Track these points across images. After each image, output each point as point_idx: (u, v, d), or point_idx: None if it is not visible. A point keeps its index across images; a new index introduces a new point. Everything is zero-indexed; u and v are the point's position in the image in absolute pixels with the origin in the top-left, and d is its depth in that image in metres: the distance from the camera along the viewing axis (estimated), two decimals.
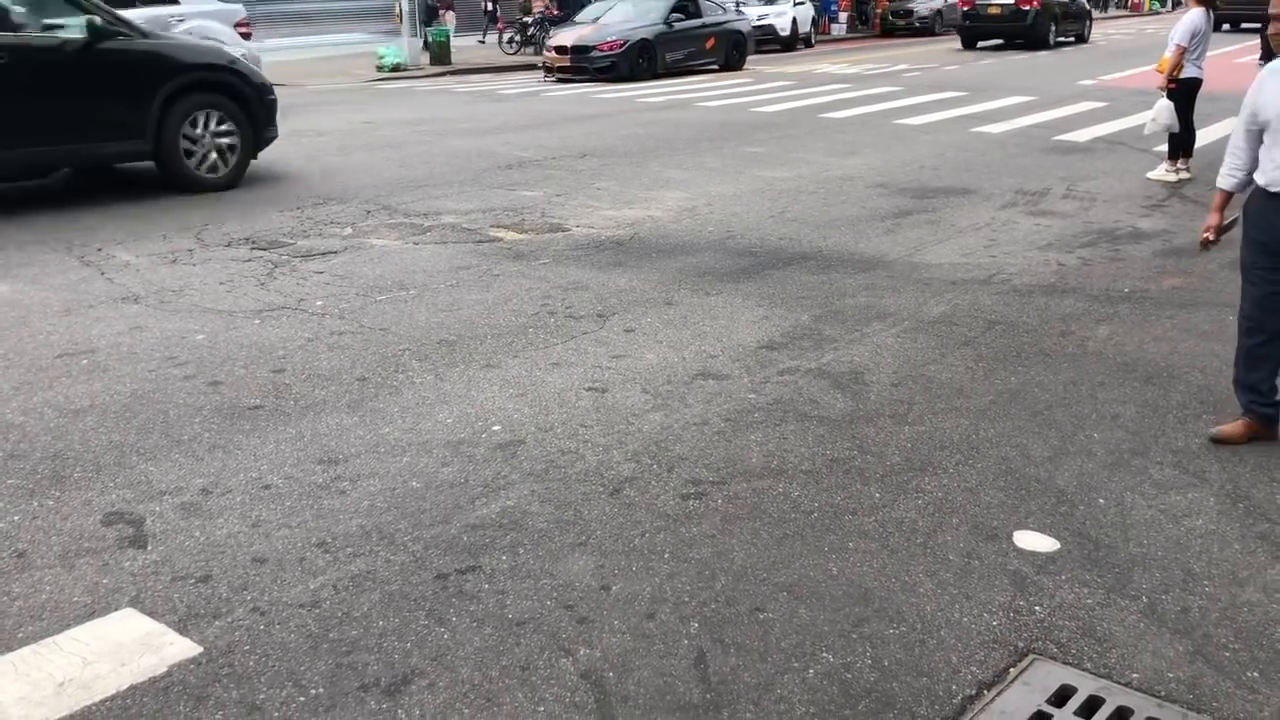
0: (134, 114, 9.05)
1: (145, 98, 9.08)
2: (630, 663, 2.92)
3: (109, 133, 9.01)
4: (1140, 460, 4.17)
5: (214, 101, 9.54)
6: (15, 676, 2.86)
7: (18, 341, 5.56)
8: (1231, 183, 4.43)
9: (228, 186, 9.74)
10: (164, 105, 9.18)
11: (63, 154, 9.03)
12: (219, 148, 9.67)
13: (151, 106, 9.10)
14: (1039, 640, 3.03)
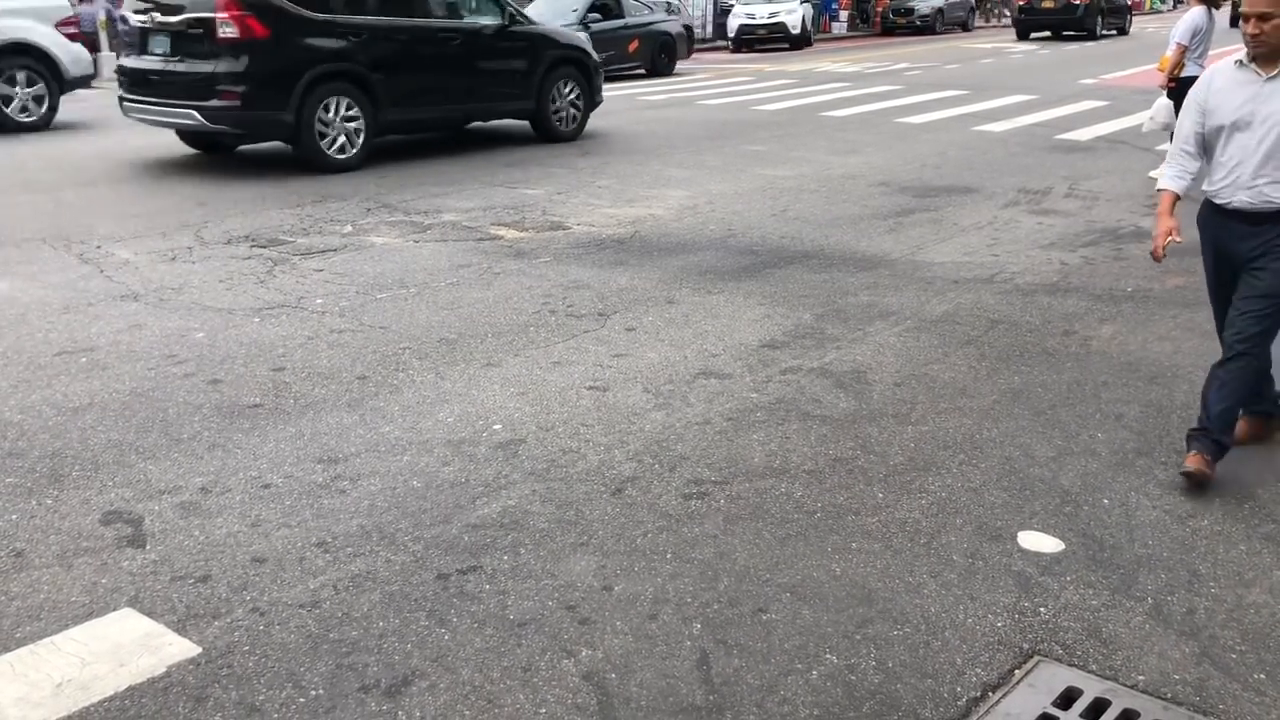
0: (526, 81, 12.16)
1: (533, 70, 12.20)
2: (632, 664, 2.90)
3: (509, 95, 12.07)
4: (1145, 460, 4.14)
5: (571, 74, 12.69)
6: (13, 677, 2.84)
7: (16, 339, 5.54)
8: (1180, 185, 4.22)
9: (573, 139, 12.74)
10: (543, 75, 12.31)
11: (481, 109, 12.03)
12: (572, 107, 12.80)
13: (536, 76, 12.24)
14: (1044, 641, 3.01)
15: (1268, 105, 3.80)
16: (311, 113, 10.18)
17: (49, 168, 10.92)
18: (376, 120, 10.78)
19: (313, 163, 10.41)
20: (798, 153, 11.82)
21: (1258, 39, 3.75)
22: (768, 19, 29.27)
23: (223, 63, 9.86)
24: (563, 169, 10.87)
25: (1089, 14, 32.53)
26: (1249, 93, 3.85)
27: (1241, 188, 3.88)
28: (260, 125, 10.31)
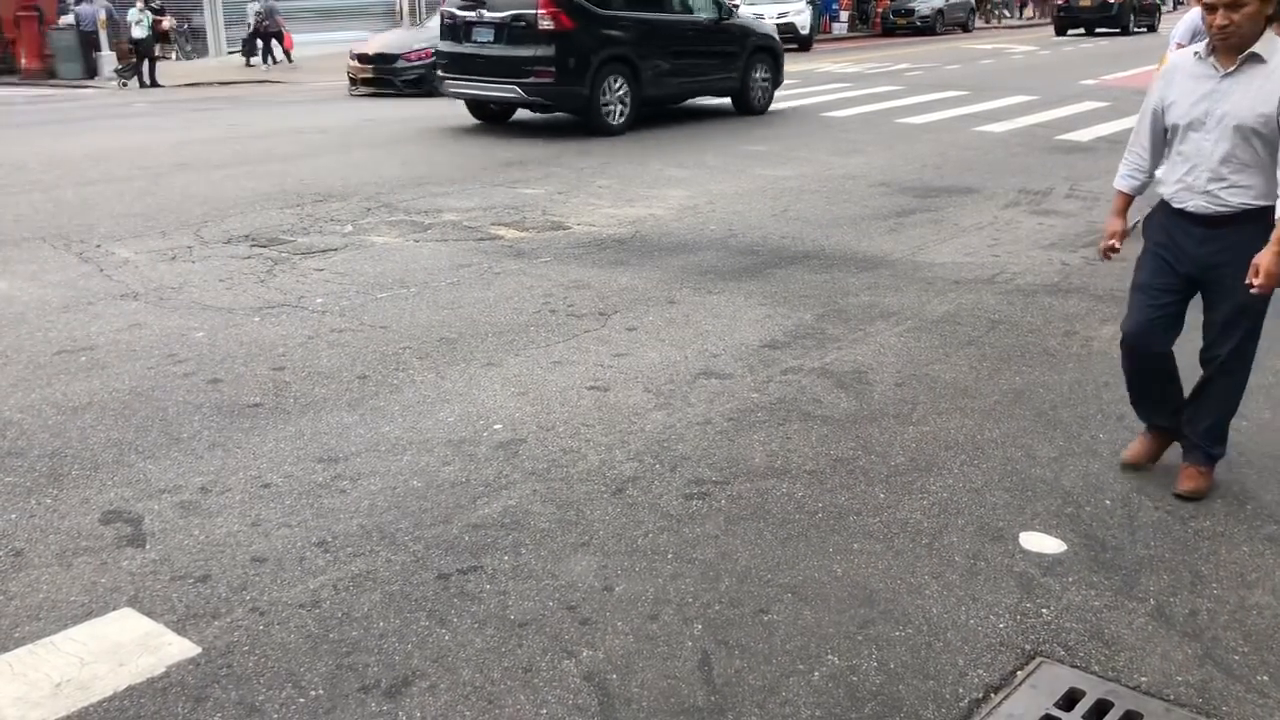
0: (734, 64, 14.78)
1: (739, 54, 14.83)
2: (634, 665, 2.89)
3: (722, 75, 14.69)
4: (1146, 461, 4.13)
5: (764, 58, 15.30)
6: (12, 677, 2.83)
7: (16, 338, 5.53)
8: (1131, 185, 3.98)
9: (763, 113, 15.31)
10: (747, 59, 14.90)
11: (703, 87, 14.73)
12: (763, 86, 15.39)
13: (741, 59, 14.85)
14: (1046, 643, 3.00)
15: (1224, 104, 3.52)
16: (599, 88, 12.87)
17: (48, 167, 10.92)
18: (639, 95, 13.45)
19: (597, 128, 13.00)
20: (799, 153, 11.81)
21: (1226, 30, 3.43)
22: (777, 19, 28.73)
23: (540, 48, 12.47)
24: (563, 169, 10.86)
25: (1123, 12, 35.13)
26: (1205, 89, 3.57)
27: (1196, 191, 3.63)
28: (564, 98, 12.92)
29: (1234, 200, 3.55)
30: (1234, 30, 3.42)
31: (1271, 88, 3.41)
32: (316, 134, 13.56)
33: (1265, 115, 3.42)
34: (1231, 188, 3.55)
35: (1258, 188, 3.51)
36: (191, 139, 13.15)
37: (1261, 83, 3.43)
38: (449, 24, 13.53)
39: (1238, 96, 3.47)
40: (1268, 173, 3.48)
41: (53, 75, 24.34)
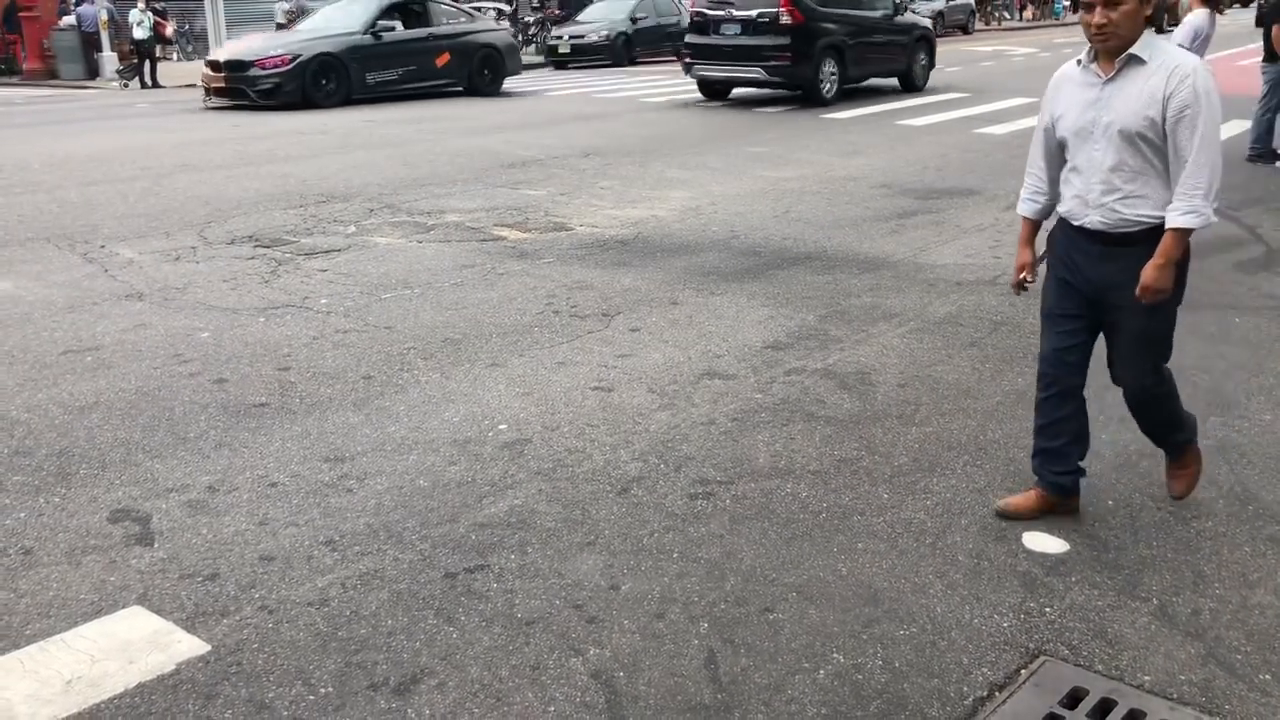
0: (902, 51, 18.20)
1: (905, 43, 18.23)
2: (640, 663, 2.91)
3: (894, 60, 18.12)
4: (1148, 462, 4.15)
5: (923, 45, 18.75)
6: (23, 674, 2.85)
7: (21, 338, 5.55)
8: (1033, 209, 3.68)
9: (922, 89, 18.47)
10: (911, 46, 18.30)
11: (882, 70, 18.18)
12: (923, 69, 18.71)
13: (907, 48, 18.21)
14: (1050, 642, 3.02)
15: (1108, 112, 3.32)
16: (819, 69, 16.33)
17: (50, 167, 10.94)
18: (844, 75, 16.83)
19: (815, 100, 16.51)
20: (799, 154, 11.84)
21: (1104, 31, 3.23)
22: None
23: (780, 39, 15.99)
24: (565, 170, 10.89)
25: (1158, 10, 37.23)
26: (1090, 97, 3.37)
27: (1092, 205, 3.39)
28: (796, 77, 16.28)
29: (1130, 213, 3.33)
30: (1112, 30, 3.23)
31: (1153, 89, 3.24)
32: (318, 135, 13.59)
33: (1150, 118, 3.25)
34: (1127, 199, 3.33)
35: (1154, 198, 3.30)
36: (193, 140, 13.17)
37: (1143, 85, 3.26)
38: (698, 20, 16.99)
39: (1120, 101, 3.29)
40: (1164, 180, 3.30)
41: (54, 76, 24.38)
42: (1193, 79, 3.20)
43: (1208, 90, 3.21)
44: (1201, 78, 3.21)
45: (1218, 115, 3.24)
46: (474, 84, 19.13)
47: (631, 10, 26.33)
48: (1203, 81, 3.21)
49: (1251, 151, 11.11)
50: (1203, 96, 3.20)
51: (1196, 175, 3.21)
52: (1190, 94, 3.20)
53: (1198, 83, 3.20)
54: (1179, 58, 3.26)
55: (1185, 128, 3.21)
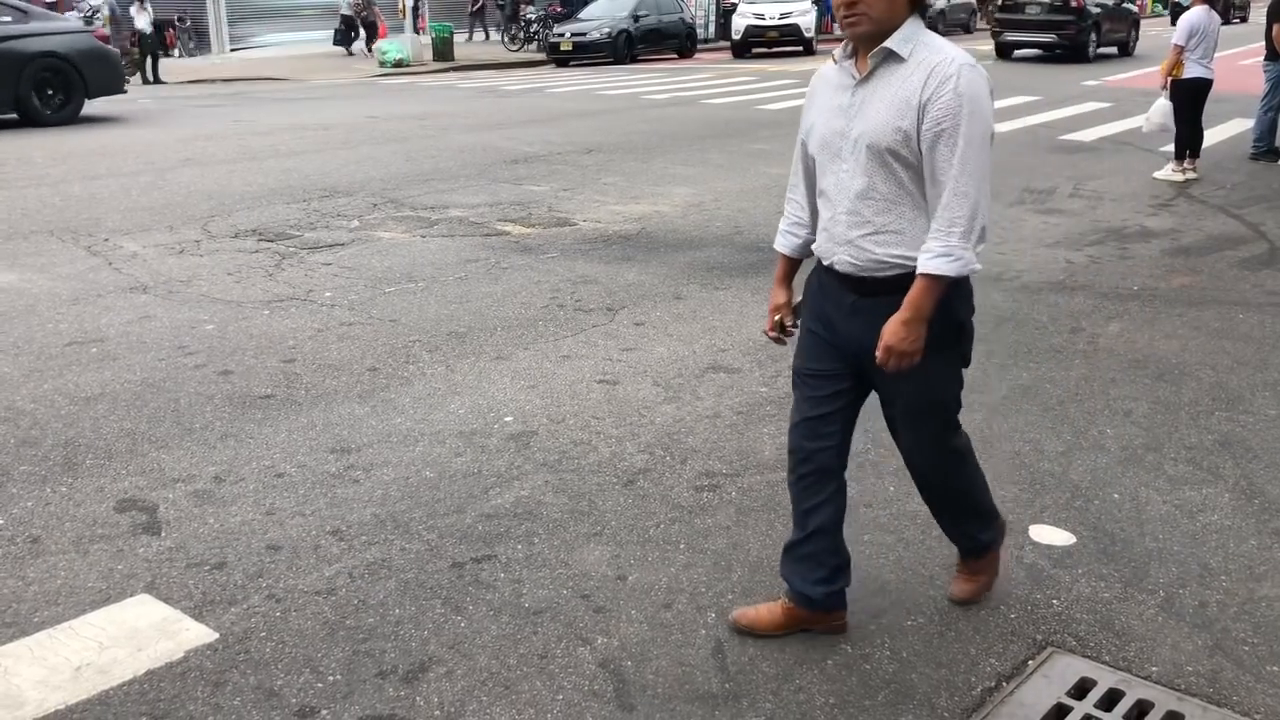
0: (1125, 28, 26.00)
1: (1127, 24, 25.59)
2: (648, 652, 2.92)
3: (1119, 35, 25.57)
4: (1154, 456, 4.16)
5: (1134, 26, 26.70)
6: (32, 661, 2.85)
7: (27, 330, 5.56)
8: (791, 244, 2.93)
9: (1134, 55, 25.29)
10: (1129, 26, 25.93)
11: (1111, 40, 25.41)
12: (1134, 40, 25.97)
13: (1127, 24, 25.59)
14: (1057, 633, 3.03)
15: (859, 122, 2.62)
16: (1088, 38, 23.92)
17: (54, 161, 10.94)
18: (1098, 42, 24.41)
19: (1083, 59, 23.83)
20: None
21: (853, 16, 2.55)
22: (779, 19, 27.47)
23: (1067, 17, 23.82)
24: (568, 166, 10.89)
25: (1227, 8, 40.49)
26: (840, 103, 2.68)
27: (839, 241, 2.71)
28: (1076, 44, 23.77)
29: (881, 252, 2.63)
30: (862, 13, 2.54)
31: (908, 93, 2.53)
32: (320, 130, 13.59)
33: (903, 131, 2.54)
34: (878, 234, 2.63)
35: (909, 234, 2.60)
36: (197, 134, 13.17)
37: (898, 88, 2.55)
38: (1009, 4, 24.53)
39: (872, 108, 2.59)
40: (923, 211, 2.61)
41: None
42: (955, 81, 2.49)
43: (974, 96, 2.49)
44: (967, 80, 2.49)
45: (986, 130, 2.53)
46: (27, 108, 13.89)
47: (634, 8, 26.33)
48: (968, 84, 2.49)
49: (1254, 150, 11.12)
50: (967, 104, 2.48)
51: (954, 207, 2.51)
52: (952, 101, 2.48)
53: (961, 86, 2.48)
54: (943, 54, 2.53)
55: (944, 145, 2.50)
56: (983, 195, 2.54)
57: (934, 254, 2.54)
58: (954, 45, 2.59)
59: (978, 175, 2.51)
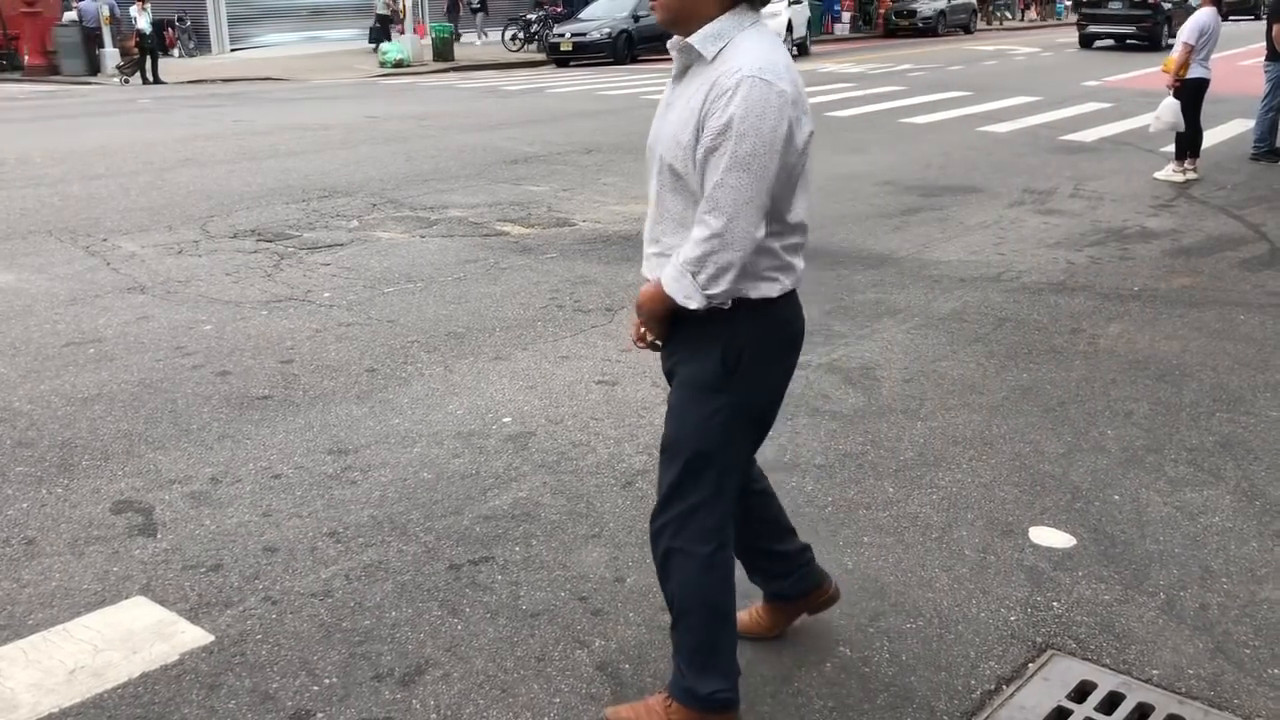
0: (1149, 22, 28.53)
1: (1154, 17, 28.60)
2: (646, 655, 2.90)
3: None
4: (1155, 457, 4.14)
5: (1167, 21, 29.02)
6: (26, 664, 2.83)
7: (24, 330, 5.54)
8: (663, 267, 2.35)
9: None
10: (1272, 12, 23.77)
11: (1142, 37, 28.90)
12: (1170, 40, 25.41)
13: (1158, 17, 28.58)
14: (1057, 636, 3.01)
15: (659, 127, 2.37)
16: (1162, 29, 26.92)
17: (53, 161, 10.93)
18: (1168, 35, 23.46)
19: (1156, 46, 25.83)
20: None
21: (657, 6, 2.28)
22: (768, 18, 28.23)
23: (1145, 11, 27.29)
24: (567, 166, 10.88)
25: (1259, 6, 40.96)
26: (662, 104, 2.41)
27: (645, 258, 2.49)
28: (1152, 34, 25.93)
29: None
30: (658, 3, 2.27)
31: (696, 104, 2.19)
32: (320, 130, 13.57)
33: (684, 146, 2.22)
34: (663, 255, 2.35)
35: (692, 254, 2.21)
36: (196, 134, 13.15)
37: (692, 95, 2.23)
38: None
39: (672, 114, 2.31)
40: None
41: (55, 71, 24.35)
42: (732, 95, 2.12)
43: (750, 114, 2.11)
44: (745, 94, 2.11)
45: (759, 152, 2.12)
46: None
47: (634, 8, 26.30)
48: (746, 99, 2.11)
49: (1255, 150, 11.10)
50: (738, 123, 2.11)
51: (697, 231, 2.18)
52: (723, 118, 2.12)
53: (737, 100, 2.11)
54: (736, 61, 2.15)
55: (714, 164, 2.15)
56: (735, 228, 2.13)
57: (672, 273, 2.23)
58: (768, 51, 2.18)
59: (732, 205, 2.12)
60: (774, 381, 2.42)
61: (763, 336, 2.34)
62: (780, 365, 2.41)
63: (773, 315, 2.33)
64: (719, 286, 2.19)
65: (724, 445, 2.39)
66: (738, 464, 2.46)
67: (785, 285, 2.33)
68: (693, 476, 2.41)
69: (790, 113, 2.16)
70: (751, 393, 2.37)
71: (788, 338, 2.41)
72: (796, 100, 2.19)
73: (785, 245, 2.31)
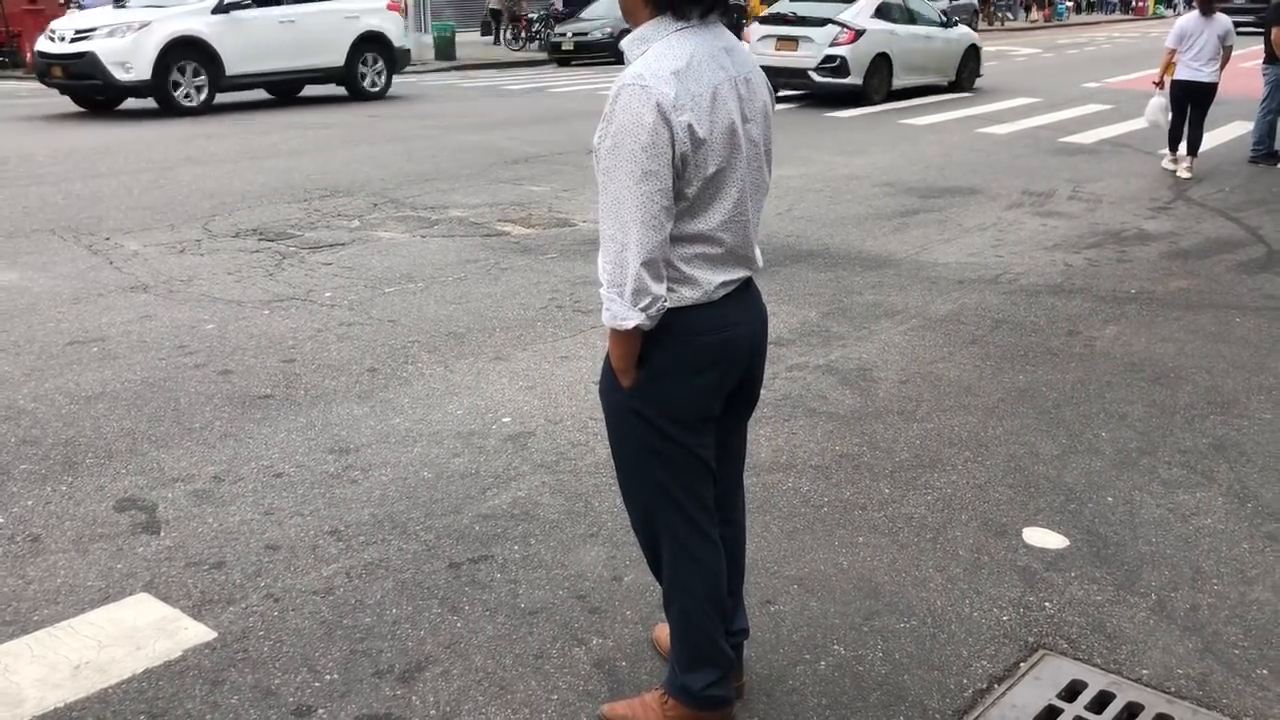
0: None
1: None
2: (643, 652, 2.94)
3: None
4: (1148, 459, 4.18)
5: None
6: (31, 659, 2.87)
7: (27, 329, 5.58)
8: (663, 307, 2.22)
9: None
10: None
11: None
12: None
13: None
14: (1049, 636, 3.05)
15: None
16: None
17: (55, 159, 10.97)
18: None
19: None
20: (802, 152, 11.85)
21: None
22: None
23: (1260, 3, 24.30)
24: (568, 166, 10.91)
25: None
26: None
27: None
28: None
29: None
30: (620, 9, 2.29)
31: None
32: (321, 129, 13.61)
33: (595, 155, 2.19)
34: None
35: (607, 272, 2.18)
36: (198, 133, 13.18)
37: None
38: None
39: None
40: None
41: None
42: (612, 104, 2.11)
43: (623, 125, 2.09)
44: (623, 103, 2.09)
45: (632, 163, 2.08)
46: None
47: None
48: (621, 108, 2.09)
49: (1254, 153, 11.16)
50: (613, 134, 2.10)
51: (603, 252, 2.18)
52: (608, 124, 2.12)
53: (615, 110, 2.10)
54: (635, 66, 2.13)
55: (599, 178, 2.16)
56: (630, 241, 2.11)
57: (603, 299, 2.21)
58: (666, 56, 2.13)
59: (616, 216, 2.12)
60: (680, 396, 2.32)
61: (659, 349, 2.28)
62: (687, 382, 2.31)
63: (674, 329, 2.26)
64: (647, 305, 2.16)
65: (643, 458, 2.40)
66: (679, 480, 2.40)
67: (685, 298, 2.25)
68: (630, 481, 2.48)
69: (678, 117, 2.08)
70: (652, 405, 2.32)
71: (690, 353, 2.29)
72: (691, 105, 2.10)
73: (684, 255, 2.23)
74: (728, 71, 2.21)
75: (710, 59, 2.18)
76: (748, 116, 2.25)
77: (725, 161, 2.20)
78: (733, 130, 2.19)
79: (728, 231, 2.27)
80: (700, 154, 2.15)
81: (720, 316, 2.32)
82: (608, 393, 2.40)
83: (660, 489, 2.41)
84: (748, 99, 2.26)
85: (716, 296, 2.29)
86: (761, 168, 2.34)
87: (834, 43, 16.11)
